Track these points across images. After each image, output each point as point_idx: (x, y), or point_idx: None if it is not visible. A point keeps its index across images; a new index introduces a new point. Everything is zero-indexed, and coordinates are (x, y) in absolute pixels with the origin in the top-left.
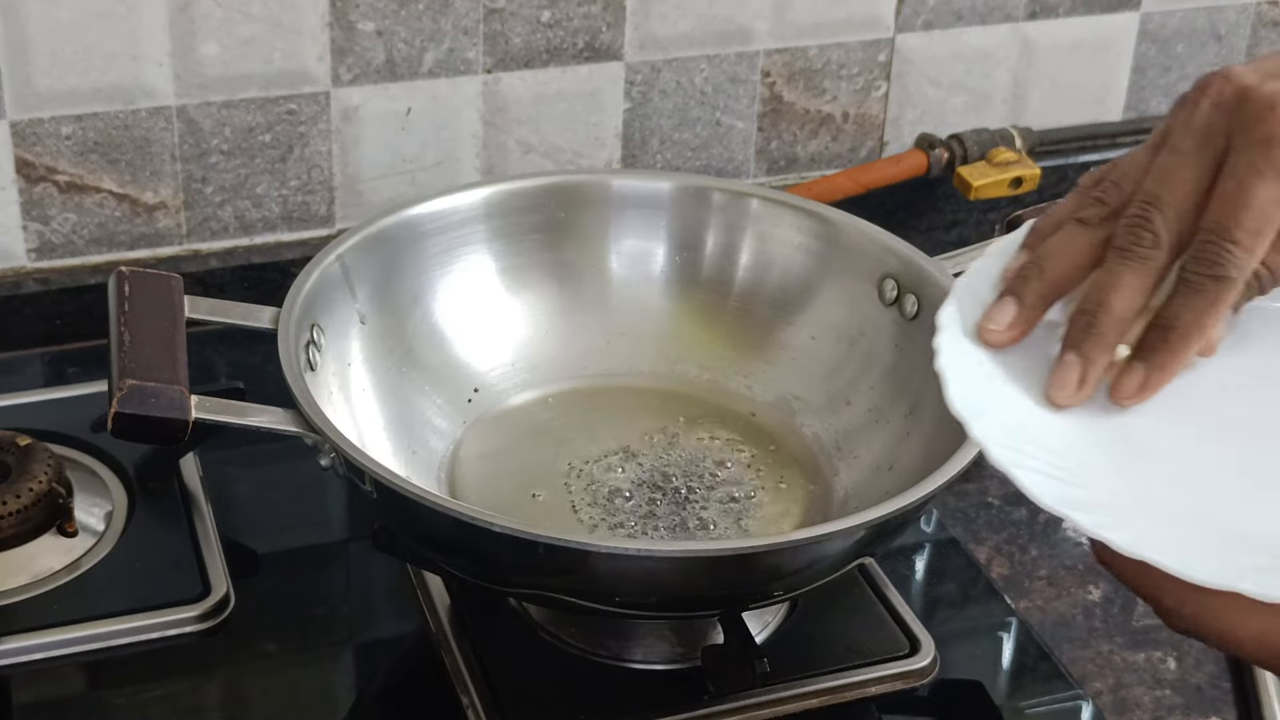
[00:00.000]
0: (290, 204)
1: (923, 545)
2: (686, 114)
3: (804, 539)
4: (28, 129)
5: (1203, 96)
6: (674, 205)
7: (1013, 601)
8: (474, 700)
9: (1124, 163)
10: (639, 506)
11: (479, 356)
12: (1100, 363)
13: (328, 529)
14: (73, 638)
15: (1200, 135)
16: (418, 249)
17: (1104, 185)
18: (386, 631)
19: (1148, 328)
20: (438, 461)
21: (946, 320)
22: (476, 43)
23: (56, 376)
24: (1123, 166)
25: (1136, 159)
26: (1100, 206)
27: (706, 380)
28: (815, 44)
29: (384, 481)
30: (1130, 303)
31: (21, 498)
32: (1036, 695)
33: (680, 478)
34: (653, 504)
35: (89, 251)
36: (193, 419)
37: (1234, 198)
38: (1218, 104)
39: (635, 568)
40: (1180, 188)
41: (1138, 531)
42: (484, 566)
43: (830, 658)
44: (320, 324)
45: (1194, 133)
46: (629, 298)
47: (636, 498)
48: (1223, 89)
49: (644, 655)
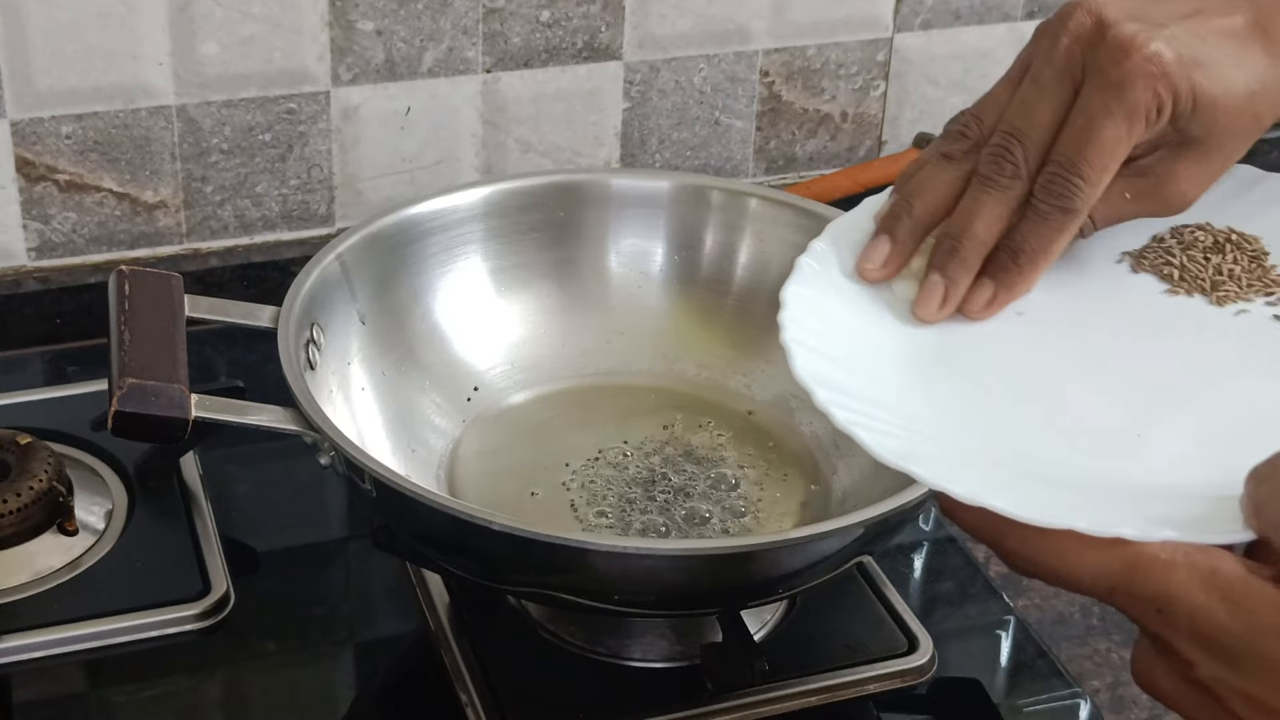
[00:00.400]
0: (290, 203)
1: (921, 544)
2: (685, 113)
3: (802, 537)
4: (28, 128)
5: (1063, 29)
6: (673, 204)
7: (1011, 600)
8: (473, 698)
9: (987, 98)
10: (638, 505)
11: (478, 355)
12: (962, 284)
13: (327, 527)
14: (73, 636)
15: (1059, 69)
16: (417, 248)
17: (966, 119)
18: (386, 630)
19: (997, 249)
20: (437, 460)
21: (789, 298)
22: (476, 42)
23: (57, 375)
24: (985, 102)
25: (998, 94)
26: (963, 140)
27: (705, 379)
28: (814, 43)
29: (383, 480)
30: (991, 229)
31: (22, 496)
32: (1034, 693)
33: (679, 476)
34: (651, 502)
35: (89, 250)
36: (193, 417)
37: (1084, 134)
38: (1077, 37)
39: (634, 566)
40: (1039, 120)
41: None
42: (483, 565)
43: (829, 656)
44: (320, 323)
45: (1053, 66)
46: (628, 297)
47: (635, 496)
48: (1083, 22)
49: (643, 653)
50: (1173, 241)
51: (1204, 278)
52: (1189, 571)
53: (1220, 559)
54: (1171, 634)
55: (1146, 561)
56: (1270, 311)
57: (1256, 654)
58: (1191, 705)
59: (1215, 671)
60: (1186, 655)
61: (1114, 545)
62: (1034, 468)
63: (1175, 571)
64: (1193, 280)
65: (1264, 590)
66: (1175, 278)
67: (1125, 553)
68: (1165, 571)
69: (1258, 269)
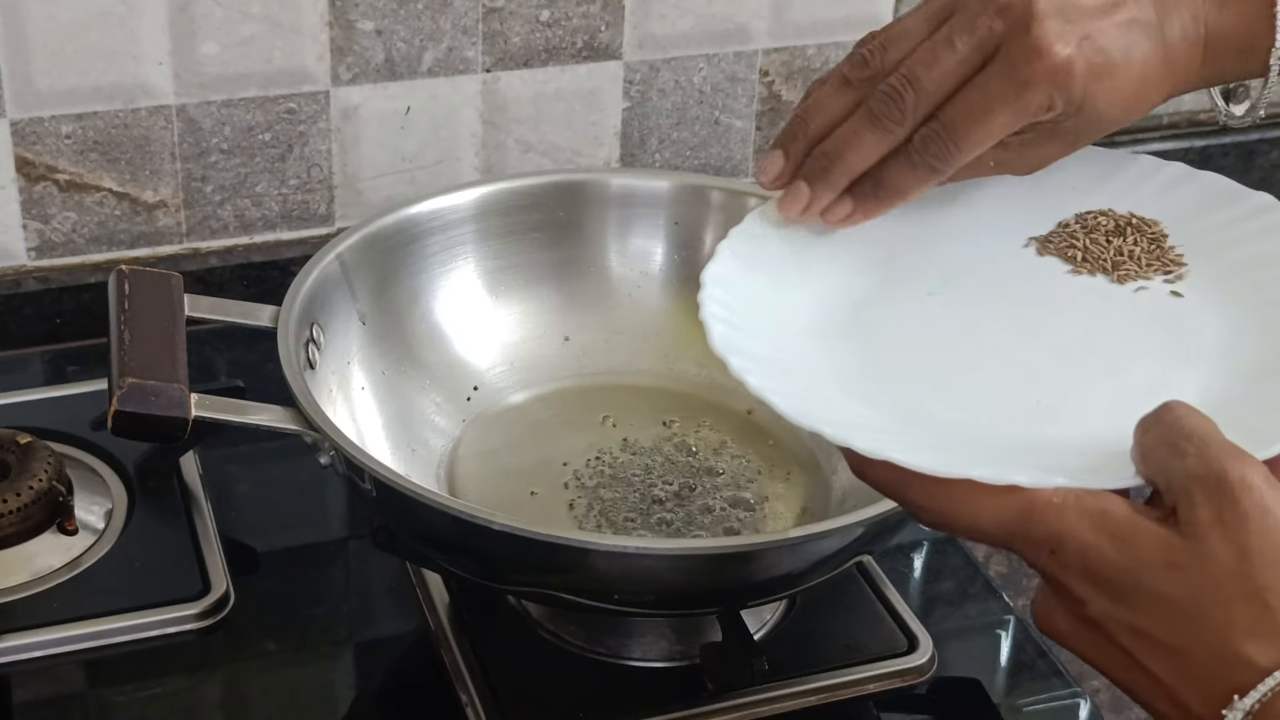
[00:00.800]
0: (290, 203)
1: (921, 543)
2: (685, 113)
3: (802, 537)
4: (28, 128)
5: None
6: (673, 204)
7: (1010, 599)
8: (473, 698)
9: (899, 29)
10: (638, 504)
11: (478, 355)
12: (824, 199)
13: (327, 527)
14: (72, 635)
15: (977, 40)
16: (417, 248)
17: (872, 46)
18: (386, 630)
19: (864, 175)
20: (437, 460)
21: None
22: (476, 42)
23: (57, 375)
24: (896, 32)
25: (911, 27)
26: (864, 68)
27: (705, 378)
28: (813, 43)
29: (383, 480)
30: (864, 161)
31: (22, 496)
32: (1034, 693)
33: (678, 476)
34: (651, 502)
35: (89, 250)
36: (193, 417)
37: (975, 109)
38: (1004, 16)
39: (634, 566)
40: (939, 77)
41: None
42: (483, 565)
43: (828, 655)
44: (320, 322)
45: (973, 35)
46: (627, 296)
47: (635, 496)
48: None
49: (643, 653)
50: (1077, 226)
51: (1105, 259)
52: (1079, 514)
53: (1109, 501)
54: (1064, 573)
55: (1040, 506)
56: (1168, 288)
57: (1143, 589)
58: (1084, 642)
59: (1105, 608)
60: (1078, 593)
61: (1009, 492)
62: (939, 429)
63: (1066, 514)
64: (1095, 261)
65: (1150, 529)
66: (1079, 259)
67: (1020, 498)
68: (1058, 514)
69: (1156, 250)
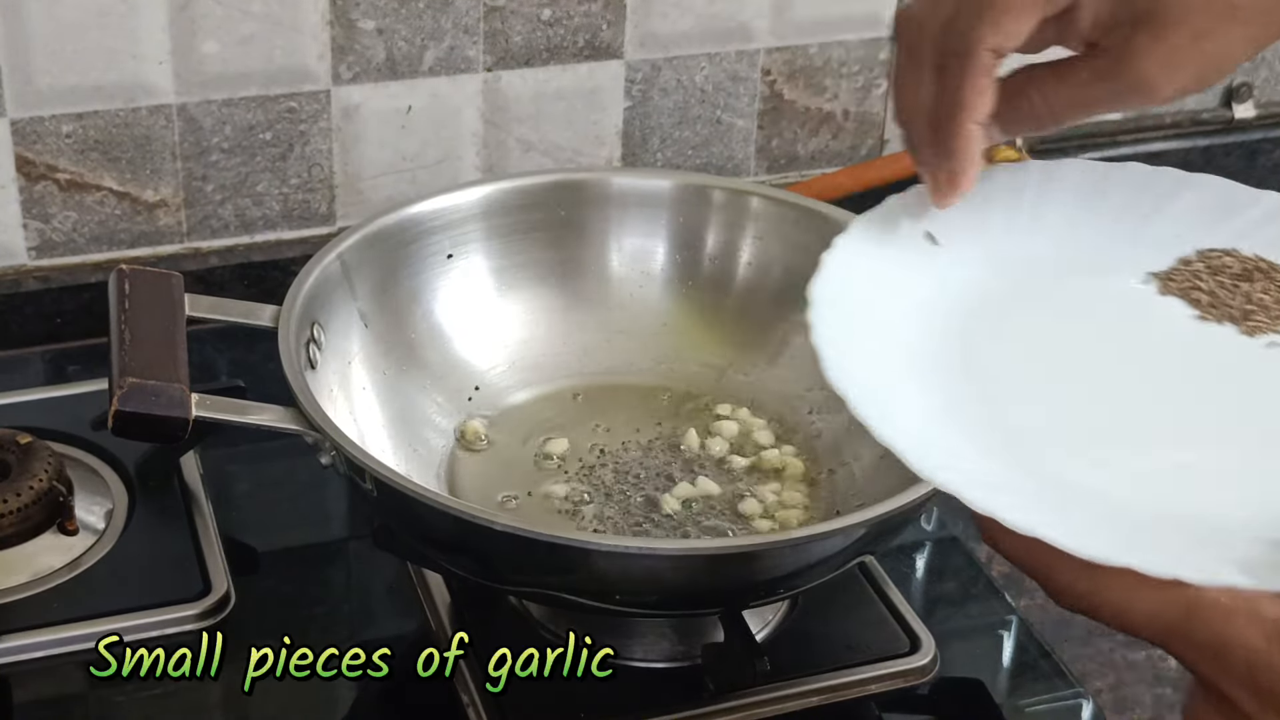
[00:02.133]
0: (291, 202)
1: (923, 543)
2: (687, 112)
3: (804, 537)
4: (28, 127)
5: None
6: (674, 203)
7: (1013, 600)
8: (474, 698)
9: None
10: (639, 504)
11: (479, 354)
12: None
13: (328, 527)
14: (73, 636)
15: None
16: (418, 247)
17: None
18: (386, 630)
19: None
20: (438, 459)
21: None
22: (477, 41)
23: (57, 375)
24: None
25: None
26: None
27: (706, 378)
28: (815, 42)
29: (384, 479)
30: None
31: (22, 496)
32: (1037, 693)
33: (679, 475)
34: (652, 502)
35: (89, 249)
36: (193, 417)
37: None
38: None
39: (635, 566)
40: None
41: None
42: (484, 565)
43: (830, 656)
44: (321, 322)
45: None
46: (629, 296)
47: (636, 495)
48: None
49: (644, 653)
50: (1200, 265)
51: (1234, 306)
52: (1250, 619)
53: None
54: (1225, 681)
55: (1207, 605)
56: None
57: None
58: None
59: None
60: (1243, 705)
61: (1171, 587)
62: (1077, 495)
63: (1235, 618)
64: (1223, 308)
65: None
66: (1204, 303)
67: (1183, 595)
68: (1224, 617)
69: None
